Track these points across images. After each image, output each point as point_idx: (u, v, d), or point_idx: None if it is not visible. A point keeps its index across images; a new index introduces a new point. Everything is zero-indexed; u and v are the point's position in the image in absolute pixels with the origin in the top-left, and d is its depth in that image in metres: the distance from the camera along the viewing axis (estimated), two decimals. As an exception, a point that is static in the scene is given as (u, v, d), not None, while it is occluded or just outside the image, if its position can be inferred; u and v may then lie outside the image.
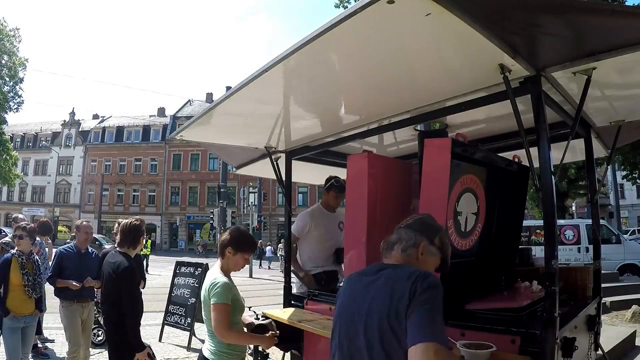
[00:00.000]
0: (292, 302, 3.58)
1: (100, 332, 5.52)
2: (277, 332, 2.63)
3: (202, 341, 2.57)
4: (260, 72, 2.13)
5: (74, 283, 4.07)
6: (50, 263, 4.99)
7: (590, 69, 2.09)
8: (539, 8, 1.67)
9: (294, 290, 3.81)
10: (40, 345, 5.39)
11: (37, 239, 5.18)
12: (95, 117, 46.80)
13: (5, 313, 3.78)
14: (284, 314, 3.20)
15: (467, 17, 1.57)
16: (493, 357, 1.82)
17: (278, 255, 23.86)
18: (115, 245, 3.34)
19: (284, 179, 3.84)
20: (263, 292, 13.58)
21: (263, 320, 2.76)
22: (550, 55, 2.03)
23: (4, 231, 13.38)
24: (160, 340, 6.36)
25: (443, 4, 1.47)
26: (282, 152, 3.87)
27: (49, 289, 4.40)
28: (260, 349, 3.19)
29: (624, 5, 8.94)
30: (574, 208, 22.04)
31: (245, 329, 2.59)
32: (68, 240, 4.79)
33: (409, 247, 1.61)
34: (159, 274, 16.63)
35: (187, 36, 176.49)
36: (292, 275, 3.92)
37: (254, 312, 3.34)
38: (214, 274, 2.42)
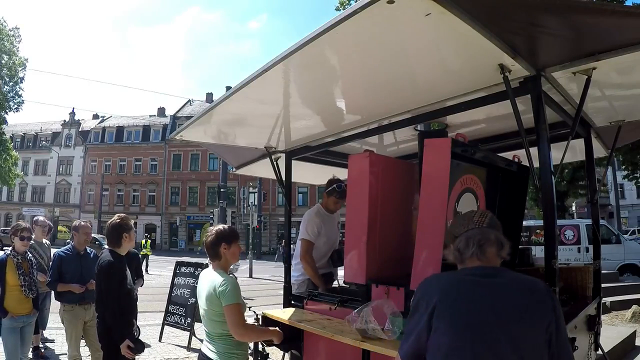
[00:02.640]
0: (292, 302, 3.57)
1: None
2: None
3: (202, 341, 2.55)
4: (261, 72, 2.13)
5: (78, 286, 4.03)
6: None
7: (590, 69, 2.09)
8: (539, 8, 1.67)
9: (294, 290, 3.80)
10: (41, 346, 5.39)
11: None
12: (95, 117, 46.79)
13: (4, 314, 3.78)
14: (284, 314, 3.19)
15: (467, 17, 1.57)
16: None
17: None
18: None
19: (284, 179, 3.84)
20: (263, 292, 13.58)
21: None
22: (550, 55, 2.04)
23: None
24: (160, 340, 6.36)
25: (443, 4, 1.47)
26: (282, 152, 3.86)
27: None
28: (260, 348, 3.19)
29: (624, 5, 8.92)
30: (574, 208, 21.99)
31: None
32: (68, 241, 4.75)
33: (506, 252, 1.57)
34: (159, 274, 16.64)
35: (187, 36, 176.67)
36: (292, 275, 3.89)
37: (254, 312, 3.34)
38: (217, 275, 2.36)
